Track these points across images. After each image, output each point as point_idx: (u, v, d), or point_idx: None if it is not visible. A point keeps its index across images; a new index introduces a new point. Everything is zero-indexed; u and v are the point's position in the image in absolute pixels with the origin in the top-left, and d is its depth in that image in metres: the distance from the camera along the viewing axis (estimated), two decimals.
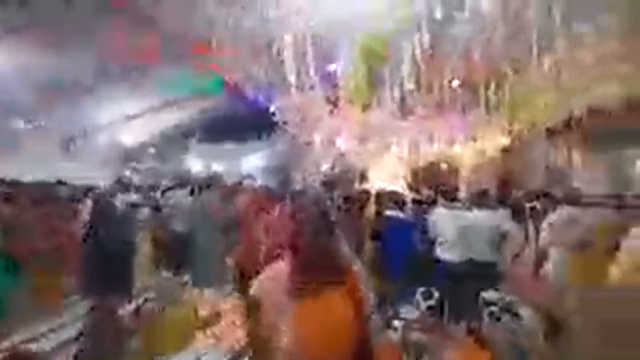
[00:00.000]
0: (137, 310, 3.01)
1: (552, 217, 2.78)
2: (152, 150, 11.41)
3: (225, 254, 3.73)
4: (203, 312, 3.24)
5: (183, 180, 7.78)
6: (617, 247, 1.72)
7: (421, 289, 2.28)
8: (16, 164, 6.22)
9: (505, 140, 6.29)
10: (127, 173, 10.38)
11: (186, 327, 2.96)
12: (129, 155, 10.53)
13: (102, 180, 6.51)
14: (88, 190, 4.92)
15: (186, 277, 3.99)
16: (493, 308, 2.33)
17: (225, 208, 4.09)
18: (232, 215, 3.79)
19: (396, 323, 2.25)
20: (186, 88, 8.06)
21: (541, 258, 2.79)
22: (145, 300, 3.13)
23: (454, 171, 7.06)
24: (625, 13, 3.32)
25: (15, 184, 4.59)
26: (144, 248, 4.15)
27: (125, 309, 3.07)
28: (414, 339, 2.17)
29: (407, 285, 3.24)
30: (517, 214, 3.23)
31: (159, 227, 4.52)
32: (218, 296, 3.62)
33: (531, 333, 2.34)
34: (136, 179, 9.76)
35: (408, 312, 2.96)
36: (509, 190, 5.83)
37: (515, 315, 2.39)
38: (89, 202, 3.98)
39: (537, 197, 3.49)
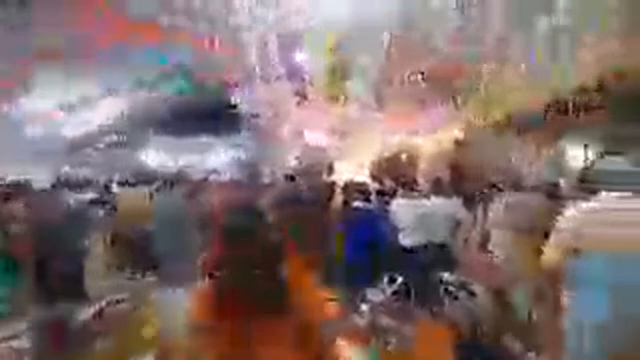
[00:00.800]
0: (100, 313, 2.86)
1: (496, 203, 3.12)
2: (102, 142, 10.52)
3: (194, 252, 3.64)
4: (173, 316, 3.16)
5: (141, 176, 7.33)
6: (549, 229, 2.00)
7: (386, 275, 2.45)
8: None
9: (458, 133, 6.78)
10: (68, 168, 9.47)
11: (157, 332, 2.88)
12: (73, 148, 9.59)
13: (38, 176, 5.87)
14: (22, 187, 4.45)
15: (153, 278, 3.84)
16: (451, 288, 2.60)
17: (192, 205, 3.98)
18: (200, 212, 3.71)
19: (363, 307, 2.42)
20: (142, 75, 7.53)
21: (485, 240, 3.13)
22: (109, 302, 2.97)
23: (413, 162, 7.47)
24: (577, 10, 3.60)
25: None
26: (98, 249, 3.90)
27: (86, 313, 2.89)
28: (380, 322, 2.35)
29: (373, 272, 3.46)
30: (468, 201, 3.56)
31: (116, 226, 4.27)
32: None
33: (483, 307, 2.65)
34: (84, 175, 8.96)
35: (374, 295, 3.17)
36: (461, 179, 6.33)
37: (470, 293, 2.68)
38: (22, 202, 3.64)
39: (483, 185, 3.86)
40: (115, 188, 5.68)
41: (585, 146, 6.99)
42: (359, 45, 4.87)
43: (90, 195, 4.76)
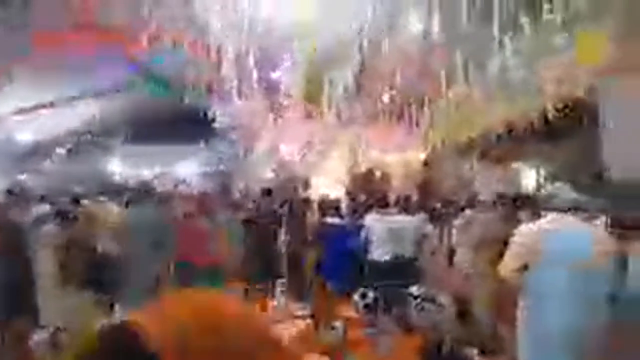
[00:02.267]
0: (52, 338, 2.66)
1: (458, 220, 3.39)
2: (60, 150, 9.82)
3: (158, 269, 3.50)
4: None
5: (103, 187, 6.93)
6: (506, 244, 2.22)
7: (358, 291, 2.56)
8: None
9: (423, 155, 7.24)
10: (26, 178, 8.73)
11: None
12: (26, 156, 8.88)
13: None
14: None
15: (110, 298, 3.60)
16: (418, 300, 2.76)
17: (158, 218, 3.85)
18: (166, 225, 3.59)
19: (337, 324, 2.49)
20: (107, 79, 7.25)
21: (451, 254, 3.37)
22: (59, 328, 2.77)
23: (386, 179, 7.81)
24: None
25: None
26: (50, 267, 3.61)
27: (37, 338, 2.68)
28: (353, 336, 2.44)
29: (346, 285, 3.55)
30: (434, 218, 3.83)
31: (73, 242, 3.96)
32: None
33: (448, 316, 2.83)
34: (38, 185, 8.29)
35: (346, 311, 3.25)
36: (427, 197, 6.72)
37: (436, 303, 2.86)
38: None
39: (447, 203, 4.16)
40: (77, 200, 5.34)
41: (537, 168, 7.77)
42: (332, 59, 5.08)
43: (46, 208, 4.44)
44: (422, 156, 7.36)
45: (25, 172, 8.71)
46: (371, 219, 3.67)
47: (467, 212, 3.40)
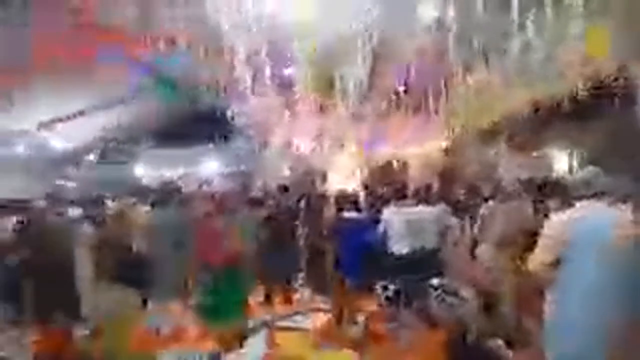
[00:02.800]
0: (93, 332, 2.86)
1: (482, 210, 3.27)
2: (91, 156, 10.39)
3: (184, 268, 3.64)
4: (165, 329, 3.16)
5: (132, 190, 7.27)
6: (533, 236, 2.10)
7: (380, 284, 2.54)
8: None
9: (444, 143, 7.01)
10: (61, 184, 9.32)
11: (147, 345, 2.89)
12: (62, 164, 9.46)
13: (29, 193, 5.80)
14: (15, 205, 4.41)
15: (143, 293, 3.82)
16: (439, 292, 2.71)
17: (181, 218, 3.99)
18: (188, 225, 3.73)
19: (359, 318, 2.50)
20: (129, 87, 7.52)
21: (474, 246, 3.27)
22: (99, 321, 2.98)
23: (404, 171, 7.66)
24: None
25: None
26: (86, 265, 3.87)
27: (79, 333, 2.89)
28: (373, 328, 2.44)
29: (366, 280, 3.54)
30: (457, 209, 3.70)
31: (104, 241, 4.21)
32: (181, 311, 3.54)
33: (471, 309, 2.76)
34: (73, 190, 8.83)
35: (367, 305, 3.25)
36: (449, 187, 6.52)
37: (458, 296, 2.80)
38: (13, 220, 3.63)
39: (470, 192, 4.01)
40: (107, 203, 5.65)
41: (567, 153, 7.33)
42: (342, 54, 5.00)
43: (80, 211, 4.72)
44: (443, 144, 7.13)
45: (60, 178, 9.30)
46: (390, 212, 3.62)
47: (491, 202, 3.27)
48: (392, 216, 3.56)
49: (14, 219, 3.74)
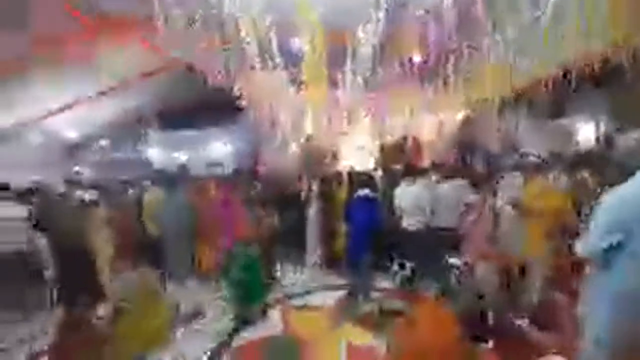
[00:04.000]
0: (114, 312, 2.93)
1: (503, 183, 3.07)
2: (103, 142, 10.50)
3: (193, 249, 3.68)
4: (185, 306, 3.23)
5: (145, 173, 7.32)
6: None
7: (396, 262, 2.46)
8: None
9: (461, 114, 6.64)
10: (77, 169, 9.54)
11: (166, 323, 2.96)
12: (74, 150, 9.62)
13: (46, 180, 5.93)
14: (32, 191, 4.50)
15: (162, 273, 3.92)
16: (456, 270, 2.61)
17: (189, 201, 3.99)
18: (196, 207, 3.73)
19: (375, 295, 2.44)
20: (133, 71, 7.39)
21: (495, 222, 3.10)
22: (121, 300, 3.05)
23: (417, 146, 7.38)
24: None
25: None
26: (106, 246, 3.96)
27: (99, 312, 2.97)
28: (389, 306, 2.38)
29: (378, 258, 3.46)
30: (476, 184, 3.50)
31: (122, 223, 4.29)
32: (200, 289, 3.62)
33: (486, 283, 2.67)
34: (88, 175, 9.01)
35: (383, 281, 3.18)
36: (466, 160, 6.25)
37: (475, 274, 2.69)
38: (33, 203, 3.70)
39: (491, 165, 3.76)
40: (122, 187, 5.72)
41: (597, 121, 6.81)
42: (352, 24, 4.67)
43: (93, 195, 4.78)
44: (460, 116, 6.76)
45: (76, 163, 9.49)
46: (404, 189, 3.47)
47: (516, 174, 3.06)
48: (408, 194, 3.43)
49: (33, 202, 3.81)
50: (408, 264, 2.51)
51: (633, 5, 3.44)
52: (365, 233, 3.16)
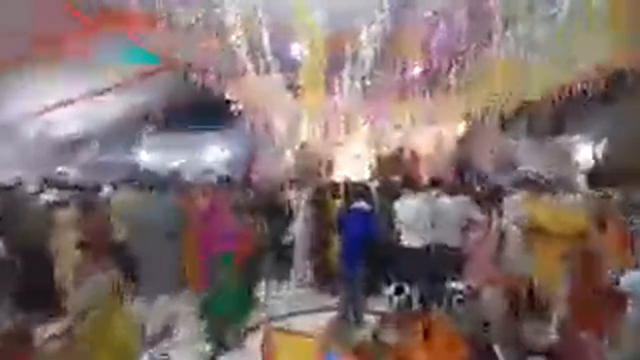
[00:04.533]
0: (69, 329, 2.56)
1: (513, 203, 2.85)
2: (93, 144, 10.18)
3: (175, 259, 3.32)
4: (151, 326, 2.87)
5: (133, 177, 7.01)
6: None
7: (393, 285, 2.18)
8: None
9: (462, 127, 6.49)
10: (60, 170, 9.16)
11: (134, 339, 2.60)
12: (61, 151, 9.27)
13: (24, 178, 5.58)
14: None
15: (132, 285, 3.52)
16: (459, 295, 2.34)
17: (175, 207, 3.68)
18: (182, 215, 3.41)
19: (369, 318, 2.16)
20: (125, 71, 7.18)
21: (500, 242, 2.87)
22: (85, 307, 2.67)
23: (415, 158, 7.19)
24: None
25: None
26: (70, 253, 3.58)
27: (51, 328, 2.59)
28: (385, 338, 2.09)
29: (374, 277, 3.18)
30: (479, 200, 3.28)
31: (92, 224, 3.90)
32: (171, 307, 3.25)
33: (492, 309, 2.40)
34: (72, 177, 8.63)
35: (378, 303, 2.88)
36: (465, 177, 6.06)
37: (478, 296, 2.42)
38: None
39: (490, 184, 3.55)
40: (105, 190, 5.37)
41: (595, 142, 6.70)
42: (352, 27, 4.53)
43: (60, 195, 4.42)
44: (461, 127, 6.61)
45: (62, 164, 9.11)
46: (404, 203, 3.23)
47: (523, 193, 2.84)
48: (407, 208, 3.18)
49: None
50: (407, 287, 2.25)
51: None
52: (360, 247, 2.89)
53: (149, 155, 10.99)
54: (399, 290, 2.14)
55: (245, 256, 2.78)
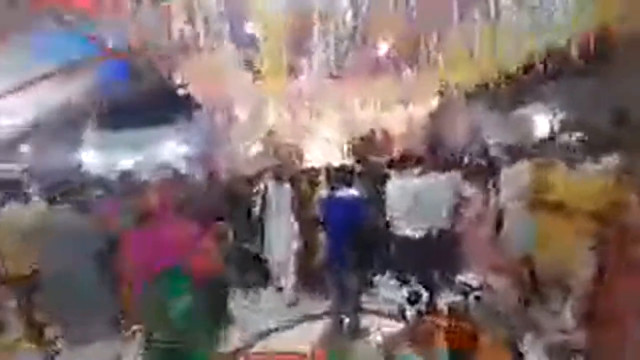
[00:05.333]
0: None
1: (507, 172, 2.61)
2: (25, 144, 8.62)
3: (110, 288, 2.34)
4: None
5: (73, 181, 5.98)
6: None
7: (405, 290, 1.81)
8: None
9: (435, 102, 6.33)
10: None
11: None
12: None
13: None
14: None
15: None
16: (470, 290, 2.06)
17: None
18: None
19: (376, 337, 1.78)
20: (65, 57, 6.00)
21: (499, 220, 2.64)
22: None
23: (389, 139, 6.96)
24: None
25: None
26: None
27: None
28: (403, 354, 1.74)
29: (366, 272, 2.84)
30: (468, 175, 3.02)
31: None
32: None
33: (505, 300, 2.18)
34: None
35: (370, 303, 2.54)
36: (439, 152, 5.92)
37: (489, 288, 2.18)
38: None
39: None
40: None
41: (553, 115, 6.90)
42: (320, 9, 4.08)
43: None
44: (432, 105, 6.45)
45: None
46: (395, 183, 2.89)
47: (525, 161, 2.60)
48: (395, 191, 2.84)
49: None
50: (424, 293, 1.91)
51: None
52: (349, 241, 2.51)
53: (93, 155, 9.66)
54: (413, 297, 1.76)
55: (205, 274, 2.06)
